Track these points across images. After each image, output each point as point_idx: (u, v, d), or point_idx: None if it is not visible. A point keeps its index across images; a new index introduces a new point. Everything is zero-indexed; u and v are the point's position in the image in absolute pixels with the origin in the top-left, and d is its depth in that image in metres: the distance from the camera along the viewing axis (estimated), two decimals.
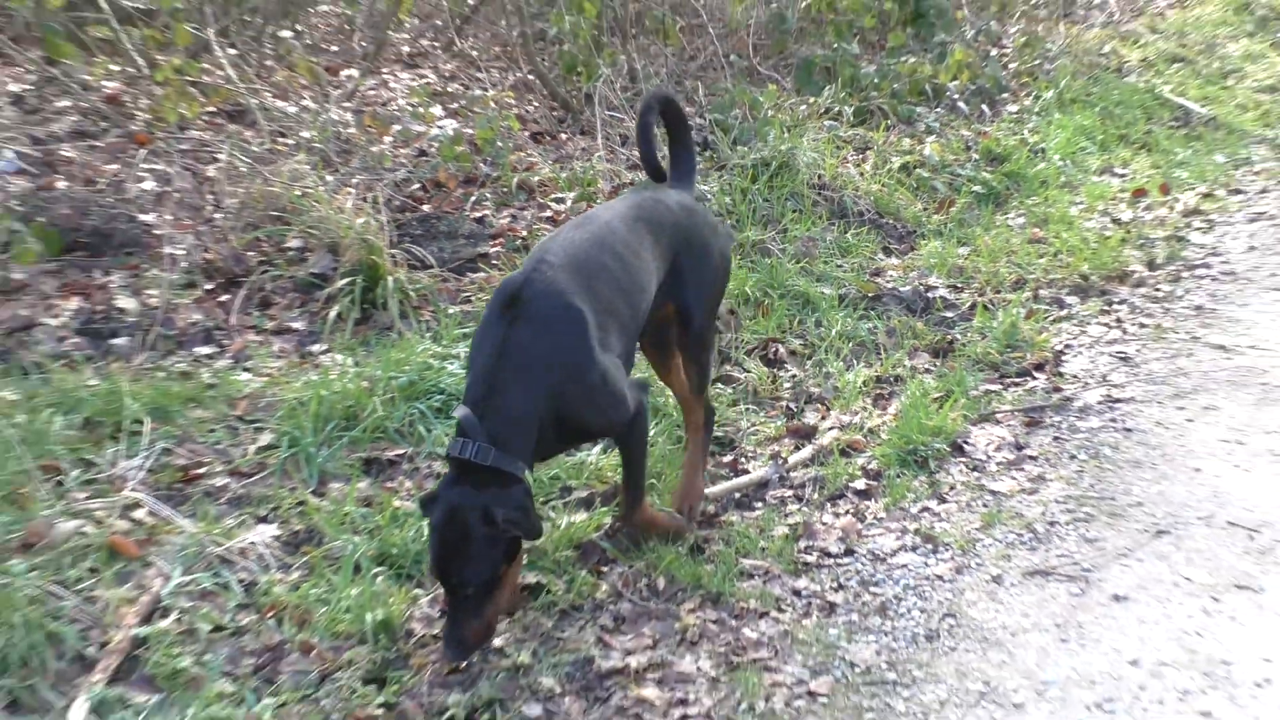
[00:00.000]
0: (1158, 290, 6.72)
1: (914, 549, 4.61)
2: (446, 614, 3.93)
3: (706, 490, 4.86)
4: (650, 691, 3.89)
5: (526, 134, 7.68)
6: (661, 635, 4.16)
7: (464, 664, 3.99)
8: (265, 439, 4.96)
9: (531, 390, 3.93)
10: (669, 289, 4.57)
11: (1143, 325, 6.33)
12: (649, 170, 4.80)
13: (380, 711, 3.81)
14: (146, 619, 4.07)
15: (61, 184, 6.54)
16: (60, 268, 5.91)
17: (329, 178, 6.47)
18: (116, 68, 7.68)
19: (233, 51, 7.59)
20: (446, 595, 3.90)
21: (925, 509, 4.84)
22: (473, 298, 6.00)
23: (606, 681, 3.95)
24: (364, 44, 8.50)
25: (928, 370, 5.84)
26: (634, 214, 4.50)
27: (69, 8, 7.54)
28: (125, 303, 5.75)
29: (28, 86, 7.50)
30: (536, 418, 3.95)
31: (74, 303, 5.71)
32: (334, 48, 8.66)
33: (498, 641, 4.10)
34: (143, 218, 6.28)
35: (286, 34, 8.30)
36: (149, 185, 6.61)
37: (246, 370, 5.41)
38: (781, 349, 5.99)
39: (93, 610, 4.05)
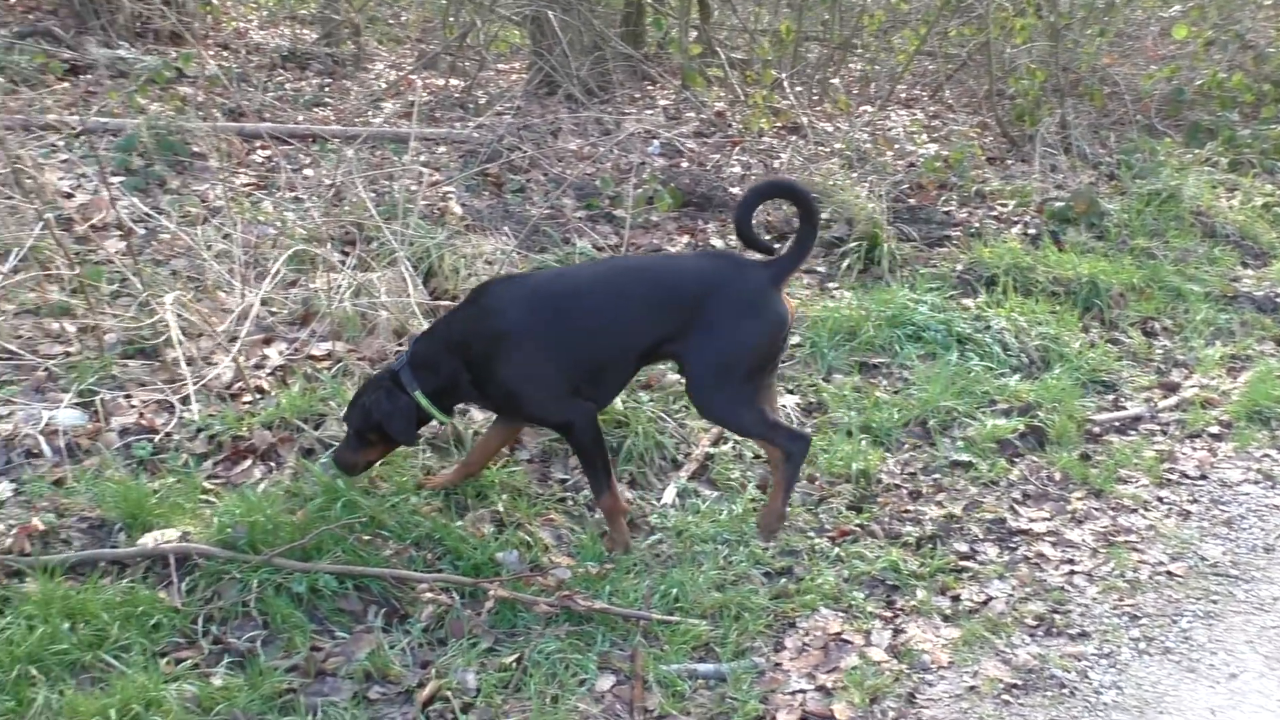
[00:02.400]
0: None
1: (1256, 482, 3.98)
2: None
3: (1103, 418, 4.37)
4: (1047, 549, 3.54)
5: (984, 158, 7.15)
6: (1055, 512, 3.78)
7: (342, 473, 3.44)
8: (795, 339, 4.82)
9: (441, 347, 3.34)
10: (673, 344, 3.36)
11: None
12: (741, 242, 3.52)
13: (856, 528, 3.64)
14: (715, 443, 4.04)
15: (684, 165, 6.60)
16: (678, 216, 5.95)
17: (852, 175, 6.22)
18: (723, 94, 7.69)
19: (798, 89, 7.43)
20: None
21: (1266, 455, 4.17)
22: (938, 265, 5.63)
23: (1015, 537, 3.62)
24: (878, 90, 8.16)
25: (1273, 355, 5.05)
26: (648, 273, 3.49)
27: (701, 55, 7.60)
28: (716, 242, 5.74)
29: (669, 102, 7.61)
30: (444, 367, 3.31)
31: (684, 238, 5.75)
32: (855, 91, 8.36)
33: (939, 495, 3.84)
34: (731, 189, 6.25)
35: (835, 81, 8.07)
36: (736, 170, 6.58)
37: (786, 293, 5.28)
38: (1156, 325, 5.33)
39: (683, 431, 4.06)
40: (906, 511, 3.77)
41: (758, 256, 3.55)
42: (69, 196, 5.07)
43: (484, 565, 3.24)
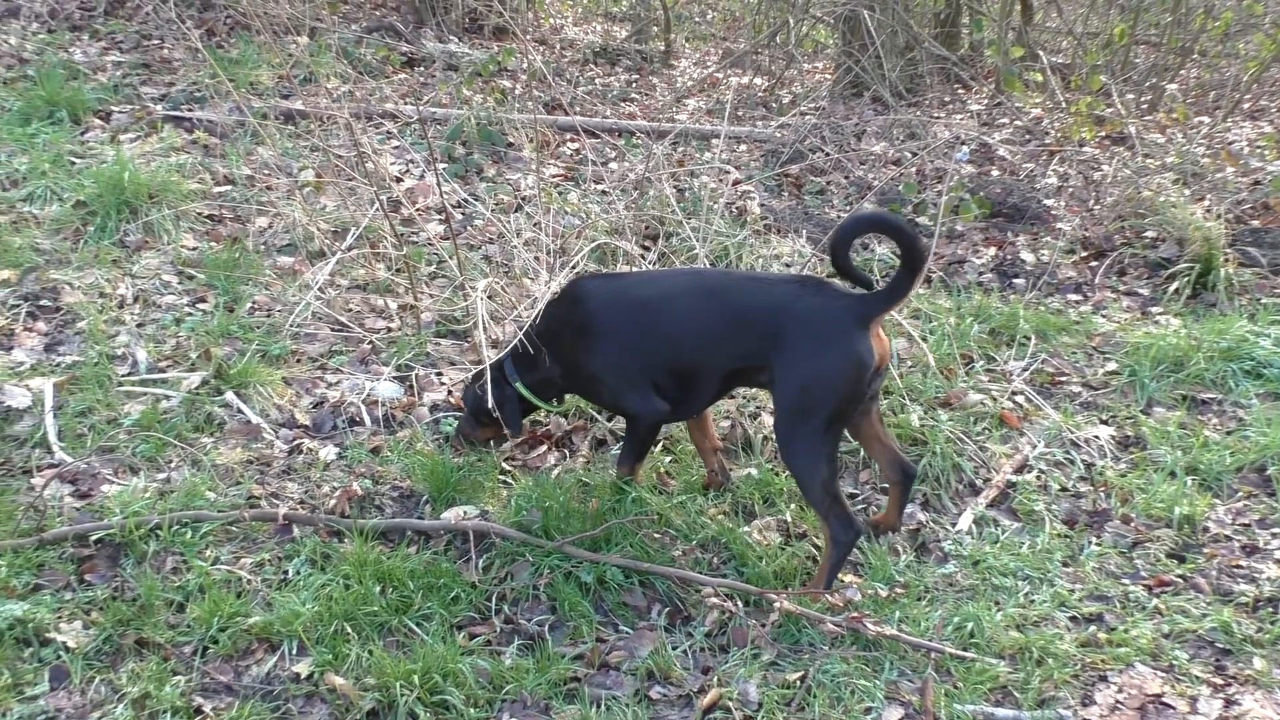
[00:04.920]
0: None
1: None
2: None
3: None
4: None
5: None
6: None
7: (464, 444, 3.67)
8: (1111, 366, 4.45)
9: (535, 340, 3.43)
10: (761, 374, 3.19)
11: None
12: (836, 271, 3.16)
13: (1178, 579, 3.29)
14: (1018, 470, 3.78)
15: (995, 173, 6.27)
16: (986, 226, 5.65)
17: (1186, 191, 5.68)
18: (1041, 99, 7.24)
19: (1127, 96, 6.88)
20: None
21: None
22: None
23: None
24: (1219, 99, 7.42)
25: None
26: (724, 291, 3.23)
27: (1021, 59, 7.18)
28: (1026, 256, 5.40)
29: (981, 107, 7.26)
30: (539, 359, 3.41)
31: (991, 250, 5.45)
32: (1191, 99, 7.63)
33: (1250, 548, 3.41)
34: (1045, 201, 5.87)
35: (1171, 88, 7.41)
36: (1052, 180, 6.17)
37: (1102, 316, 4.89)
38: None
39: (983, 455, 3.82)
40: (1239, 567, 3.37)
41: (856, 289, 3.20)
42: (398, 180, 5.42)
43: (769, 575, 3.16)
